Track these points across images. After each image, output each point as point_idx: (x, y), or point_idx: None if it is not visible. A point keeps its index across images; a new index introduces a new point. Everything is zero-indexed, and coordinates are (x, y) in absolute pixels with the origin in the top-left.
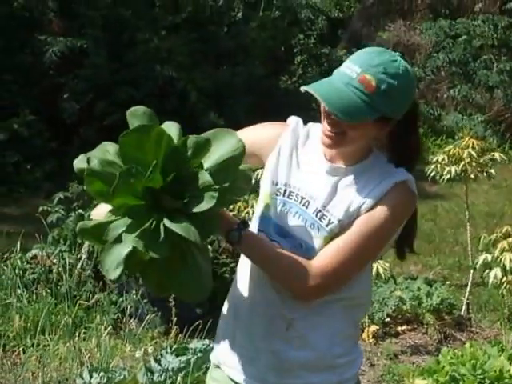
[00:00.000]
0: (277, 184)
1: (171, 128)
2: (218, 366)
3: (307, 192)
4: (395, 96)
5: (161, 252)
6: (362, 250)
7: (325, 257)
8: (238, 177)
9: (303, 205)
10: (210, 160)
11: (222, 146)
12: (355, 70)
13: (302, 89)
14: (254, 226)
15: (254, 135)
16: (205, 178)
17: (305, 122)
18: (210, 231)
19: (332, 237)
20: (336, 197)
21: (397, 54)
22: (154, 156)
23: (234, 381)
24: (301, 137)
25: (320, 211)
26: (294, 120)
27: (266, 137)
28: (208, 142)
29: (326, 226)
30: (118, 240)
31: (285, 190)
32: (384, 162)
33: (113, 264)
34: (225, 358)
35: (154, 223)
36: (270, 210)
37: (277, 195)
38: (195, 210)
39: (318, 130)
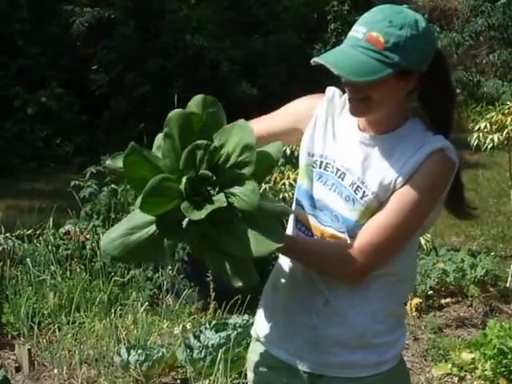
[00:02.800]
0: (313, 156)
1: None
2: (257, 340)
3: (343, 164)
4: (408, 46)
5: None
6: (402, 227)
7: (365, 237)
8: None
9: (339, 177)
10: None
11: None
12: (361, 30)
13: (312, 61)
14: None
15: (292, 109)
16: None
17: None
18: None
19: (369, 211)
20: (370, 168)
21: (403, 6)
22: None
23: (271, 355)
24: (337, 107)
25: (355, 183)
26: (331, 90)
27: (303, 109)
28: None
29: (361, 198)
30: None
31: (321, 162)
32: (421, 130)
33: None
34: (263, 332)
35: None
36: (308, 183)
37: (313, 167)
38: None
39: None
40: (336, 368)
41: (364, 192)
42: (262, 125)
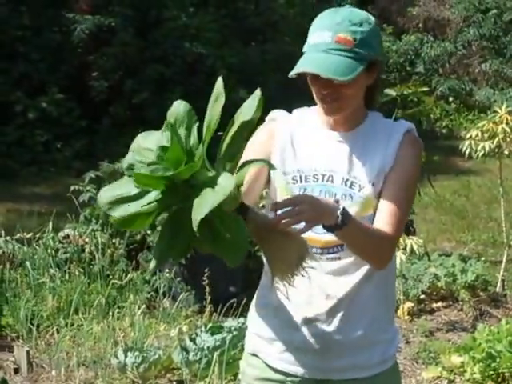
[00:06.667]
0: (288, 173)
1: None
2: (253, 354)
3: (326, 168)
4: (370, 38)
5: None
6: (406, 205)
7: (388, 222)
8: None
9: (327, 181)
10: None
11: None
12: (326, 35)
13: (291, 74)
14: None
15: (258, 148)
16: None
17: None
18: None
19: (367, 202)
20: (356, 161)
21: (346, 6)
22: None
23: (271, 367)
24: (294, 123)
25: (347, 179)
26: (279, 113)
27: (267, 142)
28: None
29: (359, 191)
30: None
31: (300, 176)
32: (381, 118)
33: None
34: (261, 347)
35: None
36: None
37: (293, 183)
38: None
39: (307, 111)
40: (342, 371)
41: (360, 185)
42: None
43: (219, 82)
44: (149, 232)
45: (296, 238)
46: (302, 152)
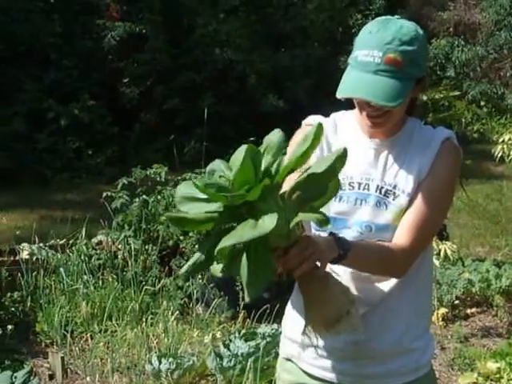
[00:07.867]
0: None
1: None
2: (288, 359)
3: (362, 175)
4: (419, 57)
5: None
6: (435, 214)
7: (406, 233)
8: None
9: (363, 189)
10: None
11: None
12: (375, 54)
13: (340, 97)
14: (308, 229)
15: None
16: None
17: None
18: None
19: (402, 211)
20: (392, 169)
21: (395, 17)
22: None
23: (307, 373)
24: (329, 131)
25: (382, 187)
26: (315, 118)
27: None
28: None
29: (393, 200)
30: None
31: None
32: (420, 126)
33: None
34: (297, 353)
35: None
36: (327, 209)
37: None
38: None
39: (345, 115)
40: (376, 378)
41: (395, 193)
42: None
43: (315, 125)
44: (181, 238)
45: (340, 296)
46: None
